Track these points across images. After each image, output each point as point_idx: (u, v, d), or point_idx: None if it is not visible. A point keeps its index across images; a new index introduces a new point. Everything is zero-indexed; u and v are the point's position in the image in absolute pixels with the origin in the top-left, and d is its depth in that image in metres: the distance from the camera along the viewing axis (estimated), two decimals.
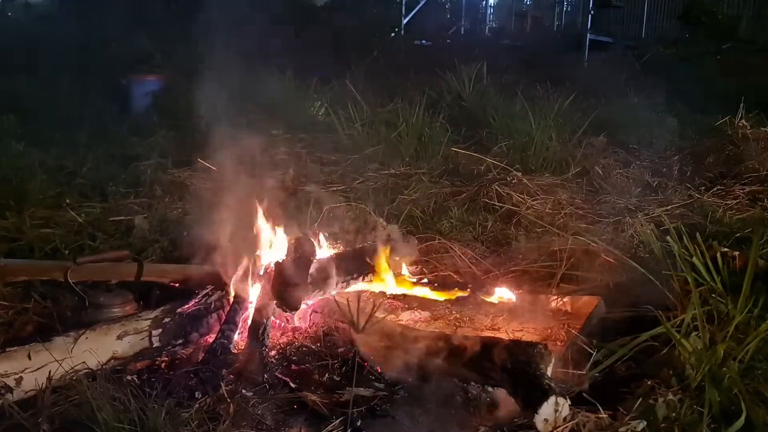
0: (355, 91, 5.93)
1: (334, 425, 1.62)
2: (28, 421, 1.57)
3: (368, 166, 4.41)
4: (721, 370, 1.75)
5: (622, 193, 4.00)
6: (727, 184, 4.15)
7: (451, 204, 3.70)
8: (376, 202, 3.55)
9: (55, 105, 5.64)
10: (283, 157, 4.75)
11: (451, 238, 3.13)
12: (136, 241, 2.98)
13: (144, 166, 4.30)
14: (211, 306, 2.10)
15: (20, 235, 2.98)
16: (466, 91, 6.32)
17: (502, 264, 2.88)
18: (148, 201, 3.61)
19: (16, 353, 1.73)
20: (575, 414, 1.63)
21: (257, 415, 1.65)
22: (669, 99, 6.82)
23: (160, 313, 2.03)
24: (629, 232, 3.07)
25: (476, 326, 2.31)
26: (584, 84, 7.44)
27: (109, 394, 1.62)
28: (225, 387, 1.74)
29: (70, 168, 4.15)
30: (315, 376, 1.88)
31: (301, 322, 2.18)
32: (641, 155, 5.11)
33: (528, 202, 3.67)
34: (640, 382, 1.78)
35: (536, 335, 2.21)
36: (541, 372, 1.72)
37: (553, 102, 5.22)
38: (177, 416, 1.59)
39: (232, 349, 1.93)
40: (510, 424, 1.65)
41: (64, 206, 3.38)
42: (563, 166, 4.47)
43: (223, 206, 2.32)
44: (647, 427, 1.61)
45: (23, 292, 2.36)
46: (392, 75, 8.15)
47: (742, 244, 2.72)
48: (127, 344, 1.91)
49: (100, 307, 2.10)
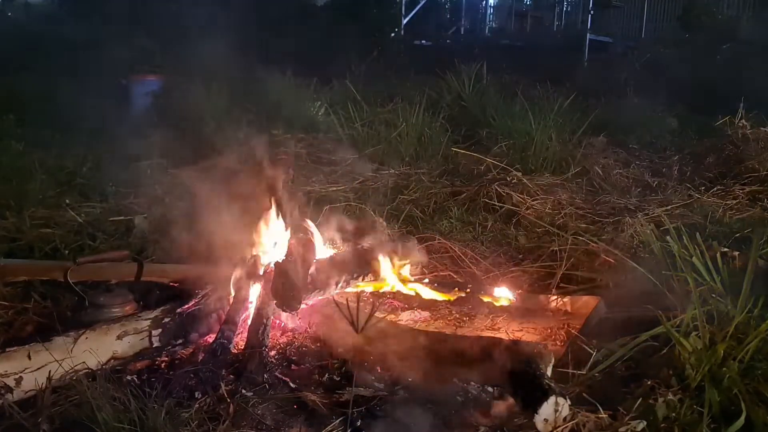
0: (355, 91, 5.93)
1: (334, 425, 1.62)
2: (28, 421, 1.57)
3: (368, 166, 4.41)
4: (721, 370, 1.75)
5: (622, 193, 4.00)
6: (727, 184, 4.15)
7: (451, 204, 3.70)
8: (376, 202, 3.55)
9: (55, 105, 5.63)
10: (283, 157, 4.75)
11: (451, 238, 3.13)
12: (136, 241, 2.98)
13: (144, 166, 4.30)
14: (211, 306, 2.10)
15: (20, 235, 2.98)
16: (466, 91, 6.32)
17: (502, 264, 2.89)
18: (148, 201, 3.61)
19: (16, 353, 1.73)
20: (575, 414, 1.63)
21: (257, 415, 1.65)
22: (669, 99, 6.83)
23: (160, 313, 2.03)
24: (629, 232, 3.07)
25: (476, 326, 2.31)
26: (584, 84, 7.46)
27: (109, 394, 1.62)
28: (225, 387, 1.74)
29: (70, 168, 4.15)
30: (315, 376, 1.87)
31: (300, 322, 2.18)
32: (641, 155, 5.12)
33: (528, 202, 3.67)
34: (640, 382, 1.78)
35: (536, 335, 2.21)
36: (541, 372, 1.72)
37: (553, 102, 5.22)
38: (177, 416, 1.59)
39: (232, 349, 1.93)
40: (510, 424, 1.65)
41: (64, 206, 3.38)
42: (563, 166, 4.47)
43: (223, 206, 2.32)
44: (647, 427, 1.61)
45: (23, 292, 2.36)
46: (392, 75, 8.16)
47: (742, 244, 2.72)
48: (127, 344, 1.91)
49: (100, 307, 2.10)
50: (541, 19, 15.08)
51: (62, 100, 5.71)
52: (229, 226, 2.32)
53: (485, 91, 6.37)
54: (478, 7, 16.15)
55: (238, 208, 2.34)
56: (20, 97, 5.71)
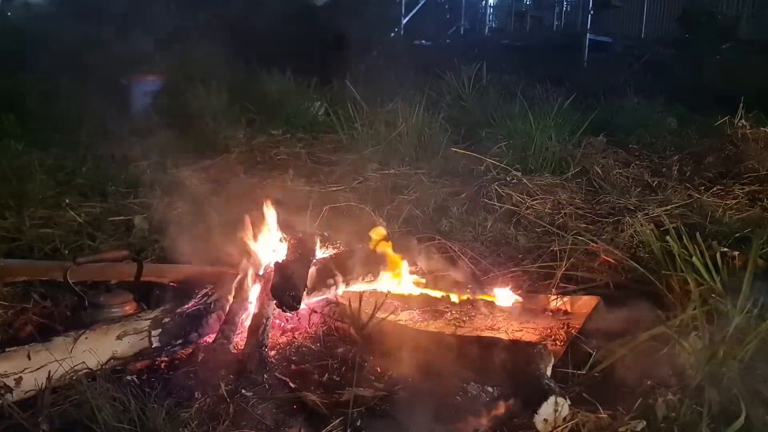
0: (355, 91, 5.93)
1: (334, 425, 1.62)
2: (27, 421, 1.57)
3: (368, 166, 4.40)
4: (720, 370, 1.75)
5: (622, 193, 4.00)
6: (727, 184, 4.16)
7: (451, 204, 3.70)
8: (376, 202, 3.55)
9: (55, 105, 5.63)
10: (283, 157, 4.75)
11: (451, 238, 3.13)
12: (136, 241, 2.98)
13: (144, 166, 4.30)
14: (211, 306, 2.10)
15: (20, 235, 2.98)
16: (465, 91, 6.32)
17: (502, 264, 2.89)
18: (148, 201, 3.61)
19: (16, 353, 1.72)
20: (575, 414, 1.63)
21: (257, 415, 1.65)
22: (669, 99, 6.83)
23: (159, 313, 2.03)
24: (629, 232, 3.07)
25: (476, 326, 2.31)
26: (584, 84, 7.46)
27: (108, 394, 1.62)
28: (225, 387, 1.73)
29: (69, 168, 4.15)
30: (315, 376, 1.87)
31: (300, 322, 2.18)
32: (641, 155, 5.11)
33: (527, 201, 3.67)
34: (640, 382, 1.78)
35: (536, 335, 2.21)
36: (540, 372, 1.72)
37: (553, 102, 5.22)
38: (177, 416, 1.59)
39: (232, 349, 1.93)
40: (510, 424, 1.65)
41: (64, 206, 3.38)
42: (563, 166, 4.47)
43: (223, 206, 2.32)
44: (647, 427, 1.61)
45: (23, 292, 2.35)
46: (392, 75, 8.15)
47: (741, 244, 2.73)
48: (126, 344, 1.91)
49: (99, 307, 2.10)
50: (541, 19, 15.06)
51: (62, 100, 5.72)
52: (229, 226, 2.32)
53: (485, 91, 6.37)
54: (477, 7, 16.15)
55: (237, 208, 2.34)
56: (20, 97, 5.70)
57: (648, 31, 12.23)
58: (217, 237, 2.37)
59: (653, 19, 12.59)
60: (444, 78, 6.56)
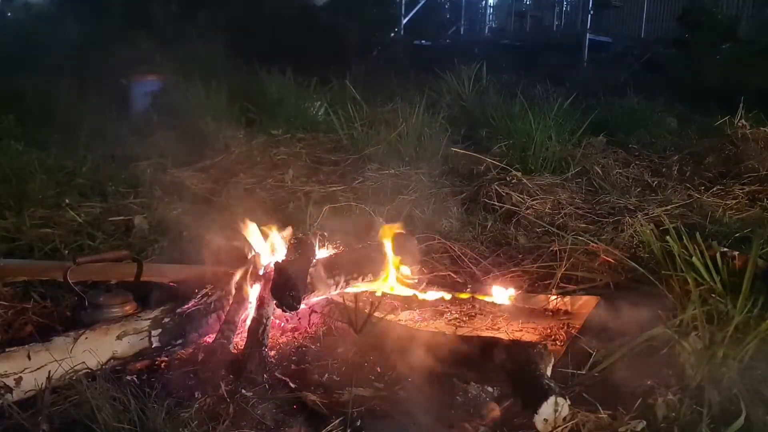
0: (355, 91, 5.93)
1: (334, 425, 1.62)
2: (27, 421, 1.57)
3: (368, 166, 4.41)
4: (720, 370, 1.76)
5: (622, 193, 4.00)
6: (727, 184, 4.16)
7: (451, 204, 3.70)
8: (376, 202, 3.55)
9: (55, 105, 5.64)
10: (283, 157, 4.75)
11: (451, 238, 3.13)
12: (136, 241, 2.98)
13: (144, 166, 4.30)
14: (211, 306, 2.10)
15: (20, 235, 2.98)
16: (465, 91, 6.32)
17: (502, 264, 2.89)
18: (148, 201, 3.61)
19: (16, 353, 1.72)
20: (575, 414, 1.63)
21: (257, 415, 1.65)
22: (669, 99, 6.84)
23: (159, 313, 2.03)
24: (629, 232, 3.07)
25: (476, 326, 2.31)
26: (584, 84, 7.47)
27: (108, 394, 1.62)
28: (225, 387, 1.74)
29: (69, 168, 4.15)
30: (315, 376, 1.87)
31: (300, 322, 2.18)
32: (641, 155, 5.11)
33: (528, 201, 3.67)
34: (640, 382, 1.78)
35: (536, 335, 2.21)
36: (540, 372, 1.72)
37: (553, 102, 5.22)
38: (177, 416, 1.59)
39: (232, 349, 1.93)
40: (510, 424, 1.65)
41: (64, 206, 3.38)
42: (563, 166, 4.47)
43: (223, 206, 2.32)
44: (647, 427, 1.61)
45: (23, 292, 2.36)
46: (392, 75, 8.16)
47: (742, 244, 2.73)
48: (126, 344, 1.91)
49: (99, 307, 2.10)
50: (541, 19, 15.06)
51: (62, 100, 5.72)
52: (229, 226, 2.32)
53: (485, 91, 6.37)
54: (477, 7, 16.15)
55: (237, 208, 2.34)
56: (20, 97, 5.70)
57: (648, 31, 12.22)
58: (217, 237, 2.37)
59: (653, 19, 12.58)
60: (444, 78, 6.56)
